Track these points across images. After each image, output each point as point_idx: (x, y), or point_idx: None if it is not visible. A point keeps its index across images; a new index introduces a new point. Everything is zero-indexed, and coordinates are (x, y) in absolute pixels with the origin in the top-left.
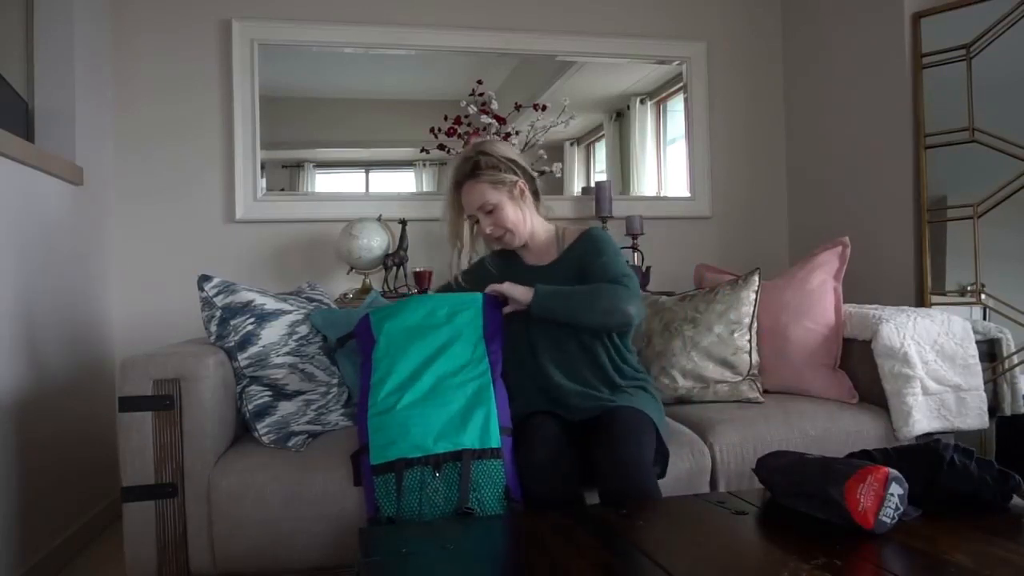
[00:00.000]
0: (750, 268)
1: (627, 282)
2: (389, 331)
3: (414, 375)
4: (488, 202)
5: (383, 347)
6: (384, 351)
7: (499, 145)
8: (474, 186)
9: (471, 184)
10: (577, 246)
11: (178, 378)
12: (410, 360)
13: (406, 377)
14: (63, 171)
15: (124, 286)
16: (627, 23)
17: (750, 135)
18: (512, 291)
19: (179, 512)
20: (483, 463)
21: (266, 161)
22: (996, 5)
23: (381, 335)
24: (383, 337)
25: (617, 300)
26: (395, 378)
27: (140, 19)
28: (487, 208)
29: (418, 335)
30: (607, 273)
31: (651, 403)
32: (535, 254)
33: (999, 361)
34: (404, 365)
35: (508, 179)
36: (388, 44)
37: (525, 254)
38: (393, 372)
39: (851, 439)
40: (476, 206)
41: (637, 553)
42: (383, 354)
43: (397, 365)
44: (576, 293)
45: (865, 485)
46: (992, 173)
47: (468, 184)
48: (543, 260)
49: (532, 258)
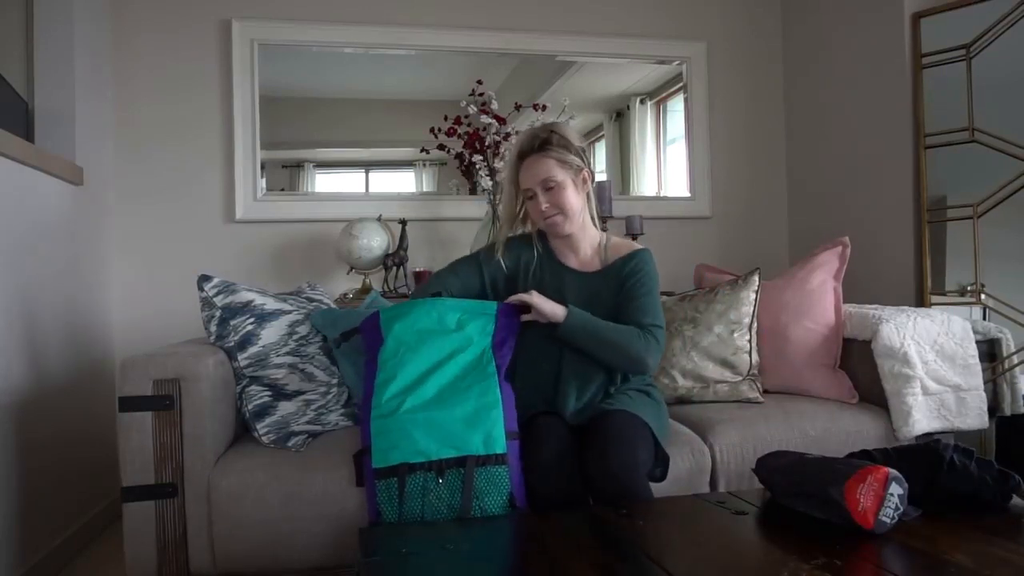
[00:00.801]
0: (750, 268)
1: (658, 334)
2: (398, 332)
3: (420, 379)
4: (552, 178)
5: (391, 348)
6: (392, 352)
7: (572, 130)
8: (540, 159)
9: (537, 157)
10: (623, 265)
11: (178, 378)
12: (417, 364)
13: (412, 380)
14: (63, 171)
15: (124, 286)
16: (627, 23)
17: (750, 135)
18: (542, 305)
19: (179, 512)
20: (487, 469)
21: (266, 161)
22: (996, 5)
23: (390, 335)
24: (391, 338)
25: (643, 352)
26: (400, 381)
27: (140, 19)
28: (549, 184)
29: (427, 339)
30: (643, 316)
31: (651, 407)
32: (578, 256)
33: (999, 361)
34: (411, 368)
35: (576, 163)
36: (388, 44)
37: (567, 253)
38: (399, 374)
39: (851, 439)
40: (538, 180)
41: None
42: (390, 355)
43: (404, 368)
44: (606, 333)
45: (865, 485)
46: (992, 173)
47: (533, 156)
48: (586, 266)
49: (575, 261)
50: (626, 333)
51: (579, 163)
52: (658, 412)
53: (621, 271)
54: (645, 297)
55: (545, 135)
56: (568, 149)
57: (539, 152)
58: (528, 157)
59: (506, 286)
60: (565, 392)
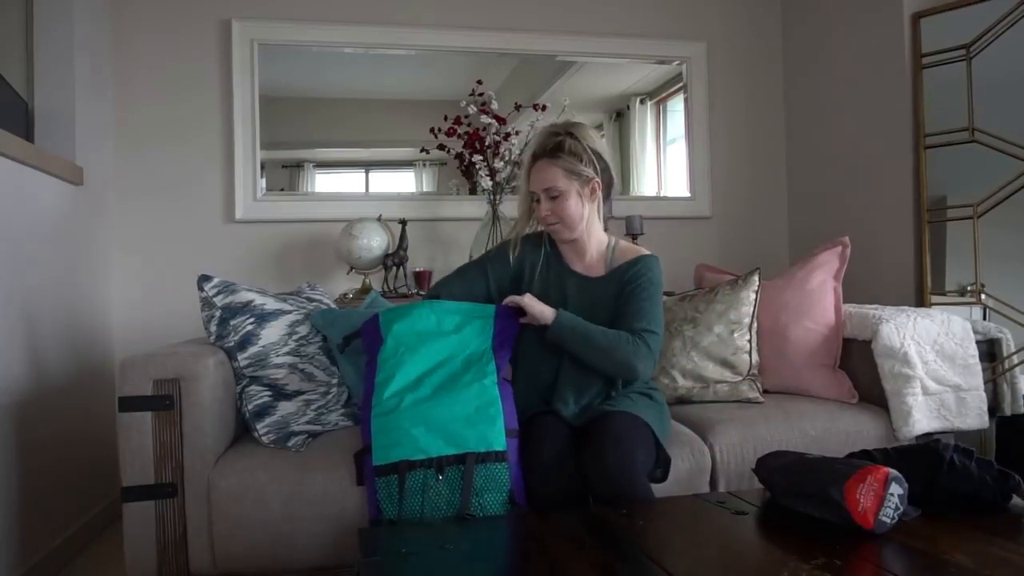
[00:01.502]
0: (750, 268)
1: (650, 340)
2: (397, 333)
3: (419, 378)
4: (556, 187)
5: (390, 348)
6: (391, 352)
7: (590, 133)
8: (548, 166)
9: (547, 162)
10: (627, 269)
11: (178, 378)
12: (416, 364)
13: (411, 380)
14: (63, 171)
15: (124, 286)
16: (627, 23)
17: (750, 135)
18: (532, 307)
19: (179, 512)
20: (487, 467)
21: (266, 161)
22: (996, 5)
23: (389, 336)
24: (391, 338)
25: (631, 358)
26: (400, 380)
27: (140, 19)
28: (553, 193)
29: (426, 340)
30: (637, 321)
31: (652, 409)
32: (583, 260)
33: (999, 361)
34: (410, 368)
35: (585, 173)
36: (388, 44)
37: (573, 257)
38: (398, 374)
39: (851, 439)
40: (543, 186)
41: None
42: (390, 355)
43: (403, 367)
44: (594, 337)
45: (865, 485)
46: (992, 173)
47: (544, 161)
48: (590, 271)
49: (580, 265)
50: (615, 338)
51: (589, 173)
52: (659, 413)
53: (624, 276)
54: (644, 302)
55: (560, 139)
56: (579, 159)
57: (550, 158)
58: (540, 160)
59: (511, 286)
60: (563, 395)
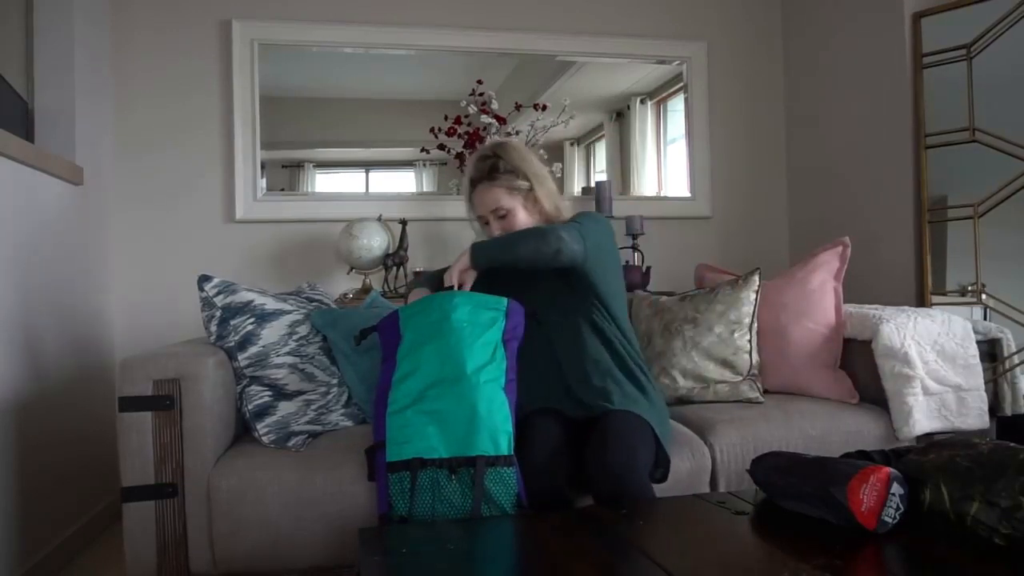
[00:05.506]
0: (750, 268)
1: (578, 221)
2: (415, 329)
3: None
4: (502, 207)
5: (407, 345)
6: (408, 348)
7: (518, 150)
8: (489, 189)
9: (486, 186)
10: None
11: (178, 378)
12: (431, 360)
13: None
14: (63, 171)
15: (124, 286)
16: (627, 23)
17: (750, 135)
18: (454, 268)
19: (179, 512)
20: (497, 470)
21: (266, 161)
22: (996, 5)
23: (407, 332)
24: (409, 332)
25: (555, 230)
26: (416, 377)
27: (140, 19)
28: (500, 212)
29: (439, 334)
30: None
31: (653, 409)
32: None
33: (999, 361)
34: (426, 366)
35: (524, 187)
36: (388, 44)
37: None
38: (415, 371)
39: (851, 439)
40: (490, 208)
41: (637, 553)
42: (407, 352)
43: (420, 365)
44: (513, 236)
45: (868, 485)
46: (992, 173)
47: (483, 185)
48: None
49: None
50: (538, 227)
51: (527, 186)
52: (660, 413)
53: None
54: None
55: (492, 161)
56: (515, 174)
57: (488, 180)
58: (479, 185)
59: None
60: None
